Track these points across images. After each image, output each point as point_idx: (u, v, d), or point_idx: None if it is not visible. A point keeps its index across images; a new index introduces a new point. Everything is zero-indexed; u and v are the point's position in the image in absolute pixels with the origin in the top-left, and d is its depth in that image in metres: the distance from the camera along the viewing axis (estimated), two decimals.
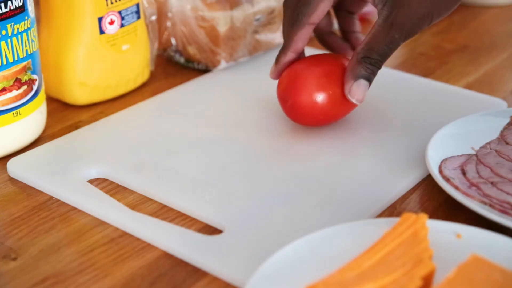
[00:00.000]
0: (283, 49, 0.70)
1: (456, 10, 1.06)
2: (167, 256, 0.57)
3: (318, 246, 0.53)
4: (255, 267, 0.51)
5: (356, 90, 0.66)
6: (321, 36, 0.74)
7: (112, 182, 0.65)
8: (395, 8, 0.63)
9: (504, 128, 0.69)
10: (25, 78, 0.69)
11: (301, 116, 0.69)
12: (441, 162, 0.64)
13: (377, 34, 0.65)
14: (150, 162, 0.67)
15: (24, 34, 0.67)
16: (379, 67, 0.66)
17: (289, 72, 0.69)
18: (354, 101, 0.66)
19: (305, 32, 0.68)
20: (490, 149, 0.66)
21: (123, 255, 0.57)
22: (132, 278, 0.55)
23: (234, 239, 0.57)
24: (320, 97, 0.67)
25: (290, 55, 0.69)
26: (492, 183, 0.61)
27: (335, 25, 0.77)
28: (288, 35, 0.69)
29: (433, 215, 0.60)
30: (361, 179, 0.65)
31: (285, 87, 0.69)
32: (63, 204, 0.63)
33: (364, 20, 0.97)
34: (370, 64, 0.65)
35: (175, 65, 0.89)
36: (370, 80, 0.66)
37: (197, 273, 0.55)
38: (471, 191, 0.60)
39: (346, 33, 0.75)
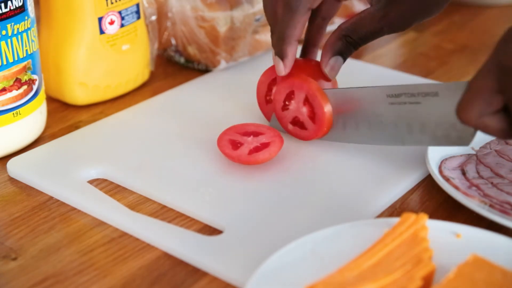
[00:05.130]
0: (287, 40, 0.66)
1: (456, 10, 1.06)
2: (167, 256, 0.57)
3: (318, 246, 0.53)
4: (255, 267, 0.51)
5: (334, 65, 0.67)
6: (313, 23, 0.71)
7: (112, 183, 0.65)
8: (391, 3, 0.64)
9: None
10: (25, 78, 0.69)
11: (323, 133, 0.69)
12: (441, 162, 0.64)
13: (366, 19, 0.65)
14: (150, 162, 0.67)
15: (24, 34, 0.67)
16: (356, 49, 0.67)
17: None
18: (328, 74, 0.67)
19: (306, 19, 0.66)
20: (490, 149, 0.66)
21: (123, 255, 0.57)
22: (132, 278, 0.55)
23: (234, 239, 0.57)
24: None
25: (295, 45, 0.66)
26: (492, 183, 0.61)
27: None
28: (289, 22, 0.65)
29: (433, 215, 0.60)
30: (361, 179, 0.64)
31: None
32: (63, 204, 0.63)
33: None
34: (350, 44, 0.66)
35: (175, 65, 0.89)
36: (345, 58, 0.67)
37: (197, 273, 0.55)
38: (471, 191, 0.60)
39: (308, 45, 0.72)
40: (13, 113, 0.68)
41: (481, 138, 0.68)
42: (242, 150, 0.65)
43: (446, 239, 0.53)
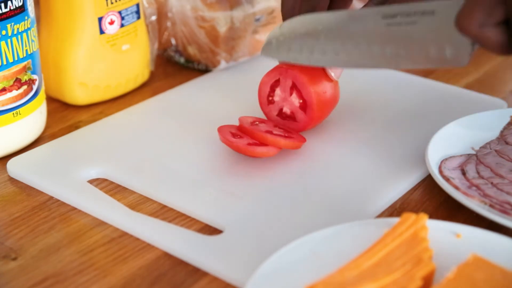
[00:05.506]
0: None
1: None
2: (167, 256, 0.57)
3: (318, 246, 0.53)
4: (255, 267, 0.51)
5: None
6: None
7: (112, 182, 0.65)
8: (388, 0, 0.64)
9: (504, 128, 0.69)
10: (25, 78, 0.69)
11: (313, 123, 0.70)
12: (441, 162, 0.64)
13: None
14: (150, 162, 0.67)
15: (24, 34, 0.67)
16: None
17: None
18: (332, 76, 0.68)
19: (325, 5, 0.66)
20: (490, 149, 0.66)
21: (123, 255, 0.57)
22: (132, 278, 0.55)
23: (234, 239, 0.57)
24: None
25: None
26: (492, 183, 0.61)
27: None
28: (309, 9, 0.66)
29: (433, 215, 0.60)
30: (361, 179, 0.65)
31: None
32: (63, 204, 0.63)
33: None
34: None
35: (175, 65, 0.89)
36: None
37: (197, 273, 0.55)
38: (471, 191, 0.60)
39: None
40: (13, 113, 0.68)
41: (481, 138, 0.68)
42: (242, 140, 0.65)
43: (446, 239, 0.53)
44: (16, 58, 0.67)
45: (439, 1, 0.58)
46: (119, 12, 0.77)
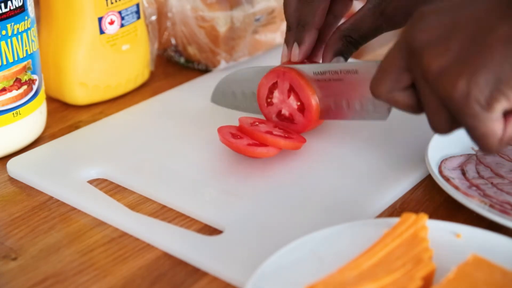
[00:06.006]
0: (306, 27, 0.67)
1: None
2: (167, 256, 0.57)
3: (318, 246, 0.53)
4: (255, 267, 0.51)
5: None
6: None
7: (112, 182, 0.65)
8: None
9: None
10: (25, 78, 0.69)
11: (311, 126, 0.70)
12: (441, 162, 0.64)
13: (364, 17, 0.66)
14: (150, 162, 0.67)
15: (24, 34, 0.67)
16: (356, 48, 0.67)
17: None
18: None
19: (326, 6, 0.67)
20: None
21: (123, 255, 0.57)
22: (132, 278, 0.55)
23: (234, 239, 0.57)
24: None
25: (315, 33, 0.67)
26: (492, 183, 0.61)
27: None
28: (310, 10, 0.66)
29: (433, 215, 0.60)
30: (361, 179, 0.65)
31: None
32: (63, 204, 0.63)
33: None
34: (350, 43, 0.67)
35: (175, 65, 0.89)
36: (346, 58, 0.67)
37: (197, 273, 0.55)
38: (471, 191, 0.60)
39: (317, 41, 0.70)
40: (13, 113, 0.68)
41: None
42: (242, 141, 0.65)
43: (446, 239, 0.53)
44: (16, 58, 0.67)
45: (362, 61, 0.65)
46: (119, 12, 0.77)
